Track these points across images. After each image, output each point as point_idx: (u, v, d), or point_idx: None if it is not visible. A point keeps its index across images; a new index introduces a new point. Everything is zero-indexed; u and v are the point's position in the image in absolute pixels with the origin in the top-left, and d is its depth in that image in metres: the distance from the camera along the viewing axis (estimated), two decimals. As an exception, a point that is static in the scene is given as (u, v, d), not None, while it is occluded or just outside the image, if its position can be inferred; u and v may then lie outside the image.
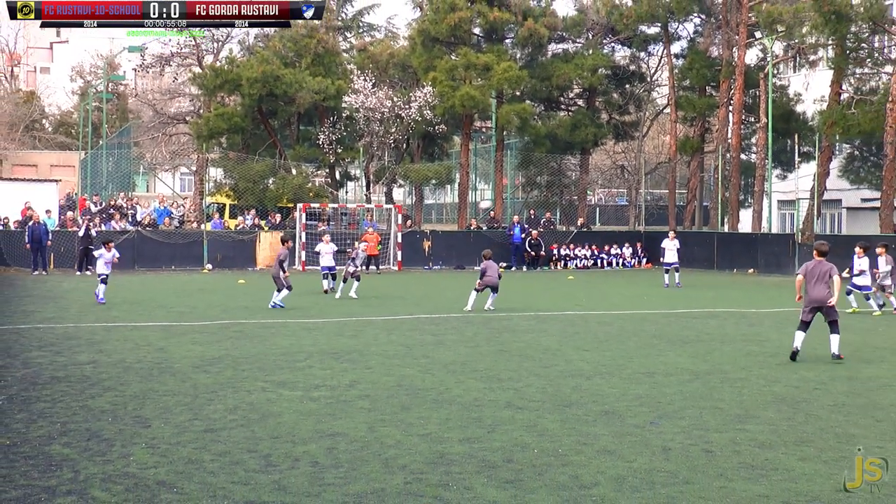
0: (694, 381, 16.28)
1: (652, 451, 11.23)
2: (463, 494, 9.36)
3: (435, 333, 22.85)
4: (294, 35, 59.79)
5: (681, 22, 61.57)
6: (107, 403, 13.72)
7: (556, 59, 61.00)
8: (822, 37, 51.41)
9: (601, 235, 60.11)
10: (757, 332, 23.89)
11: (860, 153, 53.36)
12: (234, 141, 60.98)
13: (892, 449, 11.34)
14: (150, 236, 50.47)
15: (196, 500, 9.06)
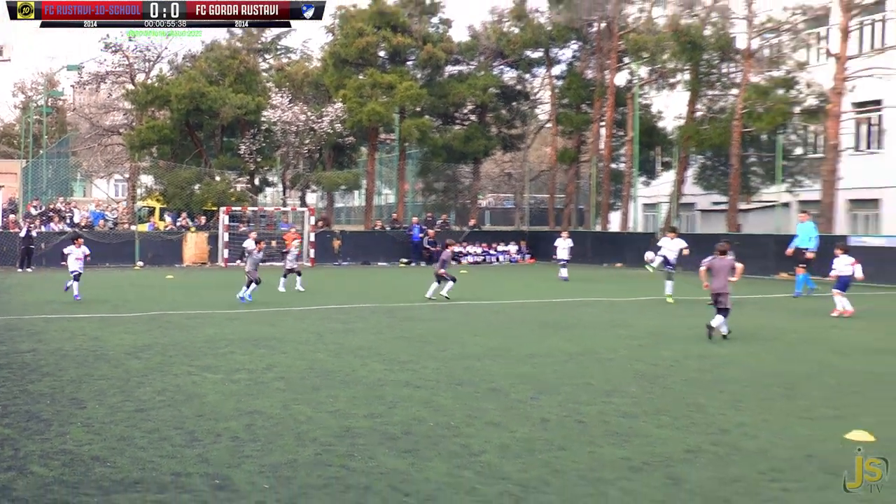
0: (569, 362, 16.50)
1: (532, 423, 11.43)
2: (367, 463, 9.47)
3: (344, 322, 22.86)
4: (218, 56, 59.76)
5: (560, 48, 61.97)
6: (45, 387, 13.60)
7: (451, 80, 61.10)
8: (679, 63, 52.22)
9: (490, 235, 60.39)
10: (623, 318, 24.19)
11: (711, 163, 54.17)
12: (164, 151, 60.12)
13: (735, 417, 11.68)
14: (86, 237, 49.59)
15: (127, 472, 9.03)
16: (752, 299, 29.75)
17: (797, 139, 51.89)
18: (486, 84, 60.33)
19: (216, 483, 8.75)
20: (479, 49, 61.72)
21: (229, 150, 60.29)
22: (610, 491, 8.57)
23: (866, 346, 19.12)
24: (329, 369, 15.48)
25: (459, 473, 9.13)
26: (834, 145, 44.13)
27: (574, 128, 61.36)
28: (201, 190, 55.89)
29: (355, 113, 55.12)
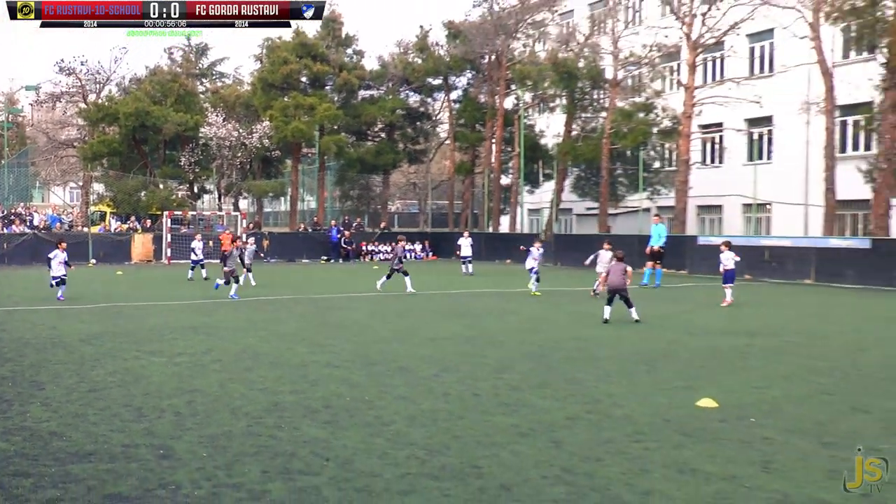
0: (467, 344, 16.53)
1: (435, 396, 11.45)
2: (292, 433, 9.40)
3: (272, 311, 22.68)
4: (161, 79, 59.70)
5: (457, 76, 62.27)
6: (7, 371, 13.25)
7: (364, 102, 61.26)
8: (557, 90, 52.78)
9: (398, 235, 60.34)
10: (512, 307, 24.32)
11: (585, 174, 54.78)
12: (113, 162, 59.47)
13: (606, 389, 11.82)
14: (44, 237, 48.78)
15: (81, 445, 8.84)
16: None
17: (655, 154, 52.78)
18: (394, 106, 60.73)
19: (161, 453, 8.60)
20: (388, 76, 61.97)
21: (171, 161, 59.75)
22: (501, 453, 8.60)
23: (711, 328, 19.50)
24: (259, 352, 15.34)
25: (373, 441, 9.09)
26: (685, 160, 44.91)
27: (469, 144, 61.72)
28: (147, 196, 55.84)
29: (281, 130, 55.50)
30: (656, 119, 48.89)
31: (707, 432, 9.53)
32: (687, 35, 43.74)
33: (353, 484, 7.59)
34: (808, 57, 40.53)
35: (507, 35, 55.46)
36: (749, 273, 36.43)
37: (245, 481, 7.66)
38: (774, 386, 12.29)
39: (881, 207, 35.82)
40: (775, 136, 47.72)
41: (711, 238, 40.87)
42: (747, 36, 47.05)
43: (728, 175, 49.03)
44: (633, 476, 7.86)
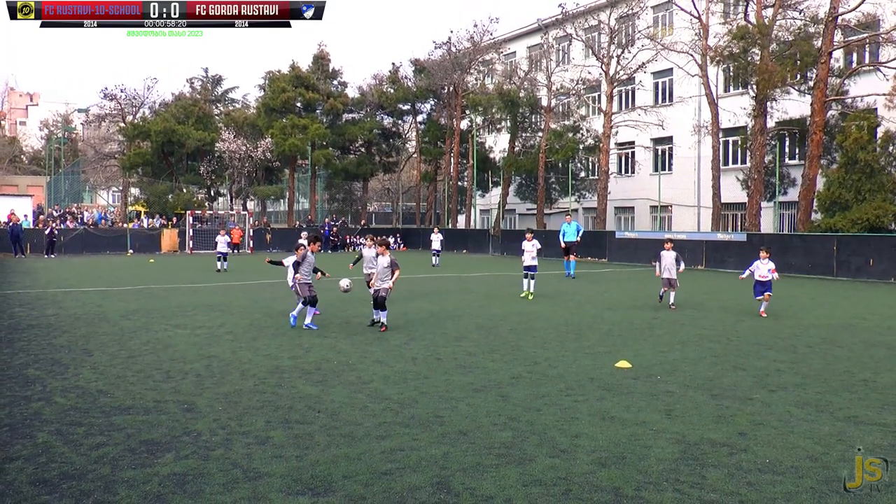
0: (430, 318, 16.48)
1: (405, 360, 11.38)
2: (290, 391, 9.31)
3: (273, 293, 22.49)
4: (184, 104, 59.84)
5: (422, 103, 62.12)
6: (64, 341, 13.03)
7: (347, 123, 61.12)
8: (503, 115, 52.83)
9: (375, 231, 60.26)
10: (468, 286, 24.32)
11: (525, 182, 54.91)
12: (147, 170, 59.40)
13: (543, 354, 11.84)
14: (92, 232, 48.29)
15: (122, 401, 8.71)
16: (552, 275, 30.28)
17: (581, 166, 52.92)
18: (371, 126, 60.86)
19: (185, 407, 8.49)
20: (366, 102, 61.99)
21: (192, 170, 59.50)
22: (459, 405, 8.57)
23: (625, 305, 19.62)
24: (263, 326, 15.21)
25: (355, 396, 9.02)
26: (605, 171, 45.15)
27: (432, 157, 61.65)
28: (173, 198, 56.01)
29: (280, 145, 55.67)
30: (582, 138, 49.21)
31: (623, 388, 9.56)
32: (605, 72, 44.03)
33: (340, 431, 7.53)
34: (699, 90, 41.01)
35: (462, 71, 55.44)
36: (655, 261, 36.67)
37: (252, 429, 7.58)
38: (674, 350, 12.37)
39: (754, 209, 36.44)
40: (674, 152, 48.11)
41: (626, 233, 41.14)
42: (652, 73, 47.48)
43: (638, 183, 49.46)
44: (565, 423, 7.87)
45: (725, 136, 42.56)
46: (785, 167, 39.58)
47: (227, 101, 70.23)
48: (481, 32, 54.90)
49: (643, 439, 7.28)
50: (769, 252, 17.86)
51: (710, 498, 5.73)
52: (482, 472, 6.28)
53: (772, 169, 38.28)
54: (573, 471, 6.32)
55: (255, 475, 6.20)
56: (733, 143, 43.40)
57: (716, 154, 38.59)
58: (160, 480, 6.08)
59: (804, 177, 34.30)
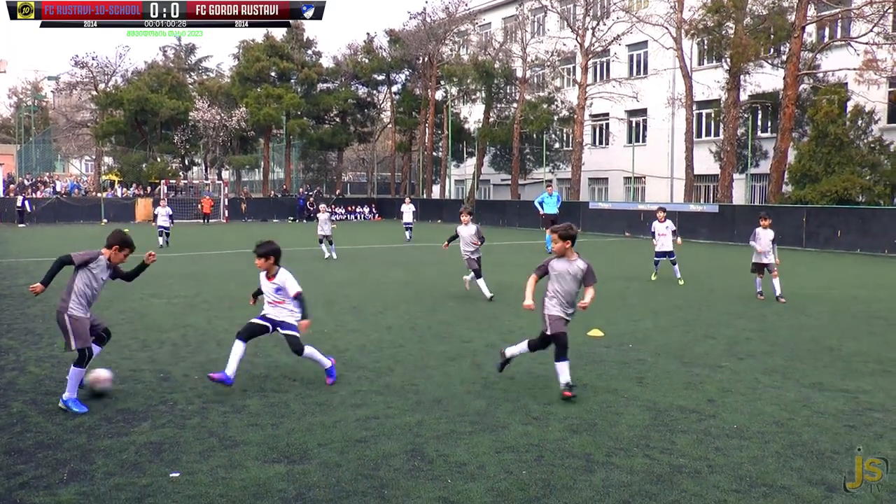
0: (407, 287, 16.50)
1: (381, 329, 11.39)
2: (266, 360, 9.32)
3: (248, 262, 22.31)
4: (157, 72, 59.17)
5: (397, 73, 61.88)
6: (38, 311, 12.91)
7: (322, 93, 60.76)
8: (478, 85, 52.67)
9: (350, 200, 60.05)
10: (442, 258, 24.13)
11: (500, 152, 54.91)
12: (120, 139, 58.67)
13: (517, 323, 11.88)
14: (65, 201, 47.82)
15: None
16: (525, 245, 30.37)
17: (556, 137, 53.06)
18: (346, 97, 60.48)
19: (161, 376, 8.48)
20: (341, 72, 61.67)
21: (166, 139, 58.95)
22: (434, 374, 8.62)
23: (598, 274, 19.68)
24: (239, 296, 15.10)
25: (332, 364, 9.04)
26: (579, 142, 45.27)
27: (407, 127, 61.49)
28: (147, 168, 55.62)
29: (255, 115, 55.29)
30: (556, 109, 49.32)
31: (595, 356, 9.66)
32: (580, 44, 43.95)
33: (315, 399, 7.55)
34: (673, 63, 41.06)
35: (437, 41, 55.10)
36: (628, 231, 36.91)
37: (228, 398, 7.59)
38: (646, 319, 12.50)
39: (726, 180, 36.75)
40: (648, 124, 48.26)
41: (600, 203, 41.31)
42: (627, 45, 47.44)
43: (612, 154, 49.61)
44: (537, 390, 7.95)
45: (699, 109, 42.73)
46: (757, 140, 39.87)
47: (200, 69, 69.44)
48: (456, 3, 54.57)
49: (614, 406, 7.37)
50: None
51: (679, 463, 5.83)
52: (456, 439, 6.33)
53: (744, 141, 38.54)
54: (546, 437, 6.39)
55: (232, 443, 6.21)
56: (707, 115, 43.62)
57: (689, 126, 38.77)
58: (137, 449, 6.08)
59: (776, 149, 34.59)
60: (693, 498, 5.18)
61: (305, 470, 5.61)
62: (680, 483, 5.43)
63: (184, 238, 32.22)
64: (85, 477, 5.50)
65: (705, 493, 5.25)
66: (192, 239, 31.93)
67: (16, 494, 5.20)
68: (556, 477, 5.50)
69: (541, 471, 5.62)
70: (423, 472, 5.57)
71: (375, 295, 15.21)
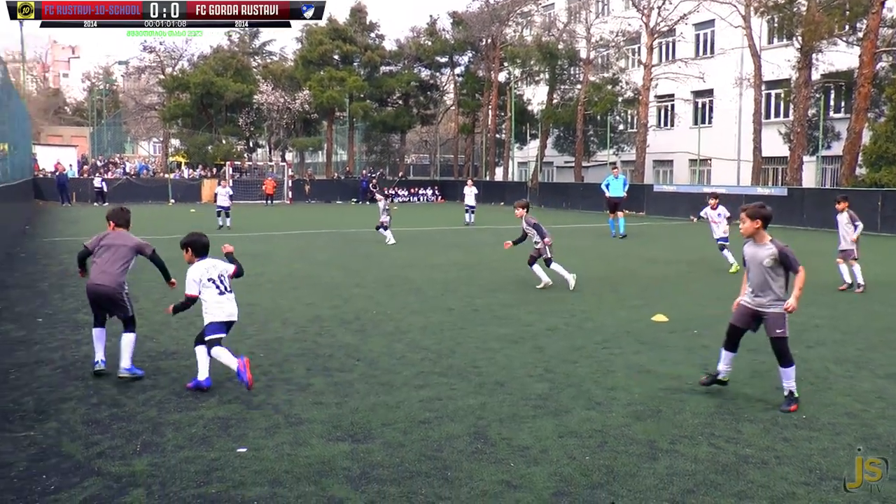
0: (466, 269, 16.53)
1: (442, 311, 11.43)
2: (330, 339, 9.44)
3: (312, 243, 22.67)
4: (222, 56, 59.98)
5: (460, 55, 61.69)
6: (109, 287, 13.31)
7: (385, 76, 61.00)
8: (542, 67, 52.17)
9: (413, 182, 60.20)
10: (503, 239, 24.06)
11: (563, 134, 54.42)
12: (186, 122, 59.89)
13: (579, 306, 11.80)
14: (135, 182, 49.02)
15: (166, 346, 9.00)
16: (589, 229, 30.11)
17: (620, 119, 52.32)
18: (409, 79, 60.55)
19: (227, 353, 8.65)
20: (404, 55, 61.73)
21: (231, 122, 59.86)
22: (496, 356, 8.62)
23: (662, 258, 19.44)
24: (303, 275, 15.36)
25: (393, 346, 9.12)
26: (644, 123, 44.62)
27: (470, 110, 61.28)
28: (212, 149, 56.50)
29: (318, 97, 55.81)
30: (621, 90, 48.62)
31: (659, 341, 9.54)
32: (646, 24, 43.23)
33: (378, 379, 7.62)
34: (741, 42, 40.08)
35: (500, 23, 54.74)
36: (693, 214, 36.29)
37: (293, 376, 7.71)
38: (711, 305, 12.26)
39: (796, 163, 35.81)
40: (715, 105, 47.20)
41: (665, 186, 40.70)
42: (693, 25, 46.44)
43: (677, 136, 48.70)
44: (600, 375, 7.89)
45: (768, 89, 41.60)
46: (829, 121, 38.67)
47: (265, 53, 70.20)
48: (520, -17, 54.07)
49: (679, 393, 7.27)
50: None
51: (745, 452, 5.72)
52: (518, 422, 6.33)
53: (815, 122, 37.43)
54: (609, 423, 6.34)
55: (297, 421, 6.32)
56: (776, 95, 42.48)
57: (757, 107, 37.86)
58: (205, 423, 6.23)
59: (849, 130, 33.49)
60: (760, 489, 5.08)
61: (369, 449, 5.67)
62: (746, 473, 5.34)
63: (247, 219, 32.76)
64: (156, 449, 5.67)
65: (772, 485, 5.14)
66: (256, 220, 32.45)
67: (94, 463, 5.40)
68: (619, 463, 5.46)
69: (604, 457, 5.59)
70: (486, 455, 5.58)
71: (437, 277, 15.25)
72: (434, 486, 5.03)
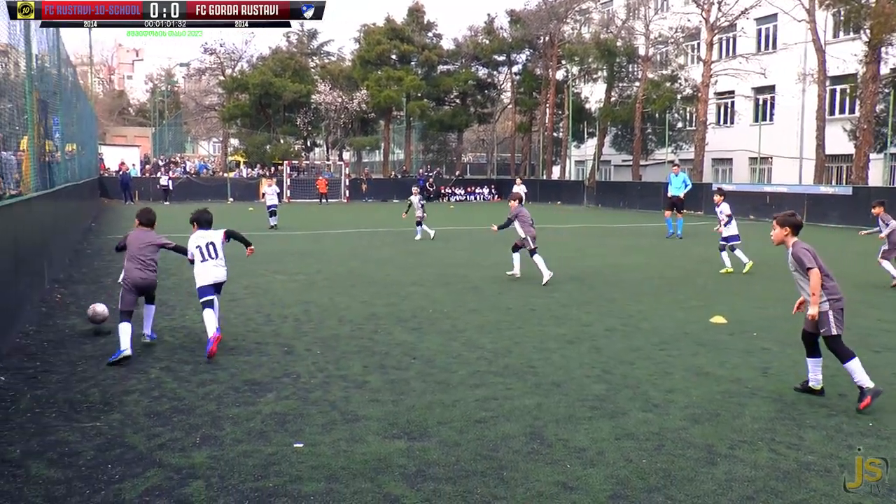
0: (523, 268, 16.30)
1: (500, 311, 11.40)
2: (386, 337, 9.49)
3: (368, 241, 22.82)
4: (280, 57, 60.61)
5: (517, 53, 61.46)
6: (171, 283, 13.60)
7: (442, 75, 60.99)
8: (599, 64, 51.72)
9: (470, 181, 60.21)
10: (563, 239, 24.03)
11: (621, 133, 53.92)
12: (245, 122, 60.74)
13: (636, 307, 11.67)
14: (194, 181, 49.94)
15: (226, 341, 9.08)
16: (646, 228, 29.74)
17: (679, 116, 51.59)
18: (466, 78, 60.41)
19: (285, 349, 8.76)
20: (461, 54, 61.67)
21: (289, 121, 60.55)
22: (553, 356, 8.57)
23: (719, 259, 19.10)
24: (359, 273, 15.47)
25: (450, 344, 9.13)
26: (703, 121, 43.92)
27: (527, 108, 61.04)
28: (271, 149, 57.18)
29: (375, 97, 56.06)
30: (680, 87, 47.96)
31: (718, 343, 9.38)
32: (706, 19, 42.56)
33: (435, 378, 7.64)
34: (805, 36, 39.21)
35: (558, 20, 54.36)
36: (753, 214, 35.60)
37: (350, 373, 7.77)
38: (771, 306, 12.03)
39: (861, 161, 34.86)
40: (777, 101, 46.25)
41: (724, 185, 39.96)
42: (755, 19, 45.55)
43: (737, 133, 47.82)
44: (658, 377, 7.79)
45: (832, 85, 40.57)
46: (898, 117, 37.58)
47: (322, 53, 70.89)
48: (578, -20, 53.68)
49: (738, 397, 7.14)
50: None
51: (807, 460, 5.58)
52: (575, 423, 6.28)
53: (883, 118, 36.35)
54: (666, 426, 6.26)
55: (353, 417, 6.37)
56: (841, 91, 41.42)
57: (821, 103, 36.95)
58: (262, 418, 6.32)
59: (919, 127, 32.50)
60: (823, 498, 4.95)
61: (425, 447, 5.69)
62: (808, 481, 5.21)
63: (302, 217, 33.14)
64: (215, 442, 5.77)
65: (836, 494, 5.01)
66: (311, 218, 32.80)
67: (155, 454, 5.53)
68: (676, 467, 5.39)
69: (661, 460, 5.51)
70: (542, 456, 5.56)
71: (494, 275, 15.24)
72: (490, 486, 5.02)
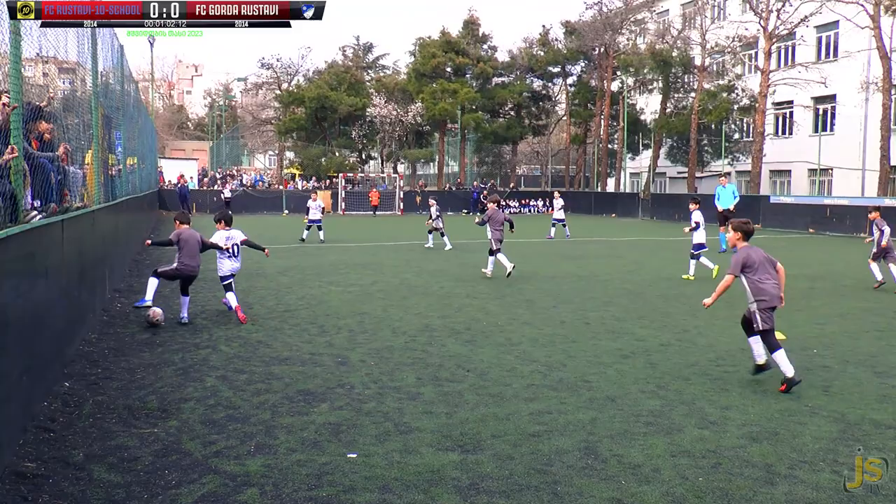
0: (579, 281, 16.34)
1: (554, 323, 11.35)
2: (440, 349, 9.49)
3: (423, 253, 22.88)
4: (336, 71, 61.41)
5: (572, 65, 61.27)
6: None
7: (497, 87, 61.10)
8: (655, 75, 51.32)
9: (524, 194, 60.09)
10: (617, 252, 23.89)
11: (676, 144, 53.32)
12: (301, 135, 61.61)
13: (692, 322, 11.47)
14: (251, 193, 50.73)
15: (280, 352, 9.18)
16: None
17: (735, 127, 50.88)
18: (521, 90, 60.49)
19: (339, 360, 8.81)
20: (516, 66, 61.70)
21: (344, 134, 61.24)
22: (607, 371, 8.49)
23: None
24: (413, 285, 15.52)
25: (504, 357, 9.10)
26: (760, 132, 43.20)
27: (582, 120, 60.84)
28: (326, 162, 57.75)
29: (430, 110, 56.27)
30: (737, 98, 47.28)
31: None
32: (763, 28, 41.86)
33: (488, 391, 7.62)
34: (868, 44, 38.32)
35: (613, 31, 54.09)
36: (812, 227, 34.83)
37: (403, 385, 7.79)
38: (832, 323, 11.74)
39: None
40: (838, 111, 45.23)
41: (782, 198, 39.23)
42: (815, 27, 44.64)
43: (796, 144, 46.91)
44: (714, 393, 7.65)
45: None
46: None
47: (377, 67, 71.57)
48: (634, -9, 53.38)
49: (798, 415, 6.97)
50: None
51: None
52: (630, 439, 6.21)
53: (950, 130, 35.35)
54: (723, 444, 6.14)
55: (406, 429, 6.38)
56: (907, 101, 40.40)
57: (886, 112, 36.04)
58: (316, 428, 6.37)
59: None
60: (888, 517, 4.82)
61: (478, 460, 5.68)
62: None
63: (357, 230, 33.42)
64: (269, 451, 5.84)
65: (903, 513, 4.87)
66: (365, 230, 33.05)
67: (211, 461, 5.62)
68: (734, 486, 5.28)
69: (718, 479, 5.41)
70: (597, 472, 5.50)
71: (548, 289, 15.14)
72: (543, 501, 4.99)
